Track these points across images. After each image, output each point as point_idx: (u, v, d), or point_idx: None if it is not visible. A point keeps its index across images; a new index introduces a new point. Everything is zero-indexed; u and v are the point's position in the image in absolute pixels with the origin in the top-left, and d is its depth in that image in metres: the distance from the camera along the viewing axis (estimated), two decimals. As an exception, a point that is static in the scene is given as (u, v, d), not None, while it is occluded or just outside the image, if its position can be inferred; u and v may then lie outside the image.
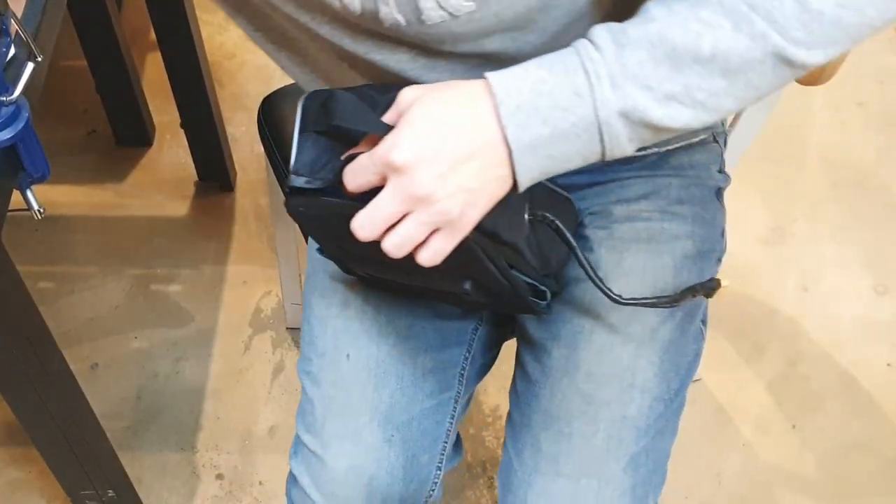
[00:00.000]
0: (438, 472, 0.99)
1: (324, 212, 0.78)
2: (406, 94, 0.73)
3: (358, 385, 0.95)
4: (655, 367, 0.92)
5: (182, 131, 1.80)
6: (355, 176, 0.72)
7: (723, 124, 1.06)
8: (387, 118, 0.74)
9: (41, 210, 0.95)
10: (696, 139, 1.00)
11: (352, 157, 0.74)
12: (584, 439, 0.90)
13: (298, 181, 0.77)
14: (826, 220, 1.84)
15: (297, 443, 0.99)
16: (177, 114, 1.76)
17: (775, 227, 1.83)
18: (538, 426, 0.92)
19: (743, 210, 1.84)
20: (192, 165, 1.87)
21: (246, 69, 2.10)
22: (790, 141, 1.96)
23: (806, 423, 1.59)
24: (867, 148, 1.96)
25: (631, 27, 0.70)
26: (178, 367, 1.66)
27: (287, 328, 1.70)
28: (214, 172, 1.87)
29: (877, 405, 1.61)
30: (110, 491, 1.34)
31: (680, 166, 0.99)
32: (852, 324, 1.70)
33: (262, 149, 1.33)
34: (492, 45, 0.79)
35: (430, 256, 0.73)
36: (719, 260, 1.01)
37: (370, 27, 0.78)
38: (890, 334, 1.69)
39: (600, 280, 0.84)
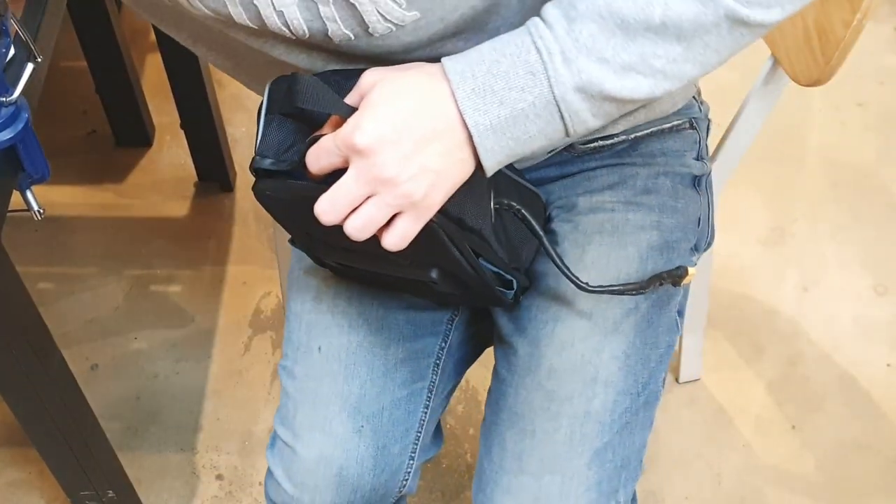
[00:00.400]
0: (412, 461, 0.99)
1: (290, 195, 0.78)
2: (367, 77, 0.73)
3: (328, 376, 0.96)
4: (619, 360, 0.91)
5: (182, 132, 1.80)
6: (318, 158, 0.72)
7: (701, 109, 1.05)
8: (349, 100, 0.74)
9: (41, 211, 0.95)
10: (668, 125, 0.99)
11: (316, 140, 0.74)
12: (546, 436, 0.90)
13: (264, 163, 0.77)
14: (826, 221, 1.84)
15: (273, 436, 1.00)
16: (176, 114, 1.76)
17: (775, 228, 1.83)
18: (504, 424, 0.93)
19: (743, 210, 1.84)
20: (192, 166, 1.87)
21: (246, 70, 2.10)
22: (790, 141, 1.96)
23: (806, 423, 1.59)
24: (867, 148, 1.96)
25: (580, 1, 0.70)
26: (178, 367, 1.66)
27: (287, 329, 1.71)
28: (214, 173, 1.87)
29: (876, 405, 1.61)
30: (110, 491, 1.34)
31: (650, 154, 0.99)
32: (852, 324, 1.70)
33: (261, 149, 1.33)
34: (446, 49, 0.78)
35: (396, 240, 0.73)
36: (696, 249, 1.00)
37: (322, 45, 0.78)
38: (890, 334, 1.69)
39: (567, 268, 0.84)
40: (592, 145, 0.97)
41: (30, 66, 0.90)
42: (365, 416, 0.95)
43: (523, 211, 0.83)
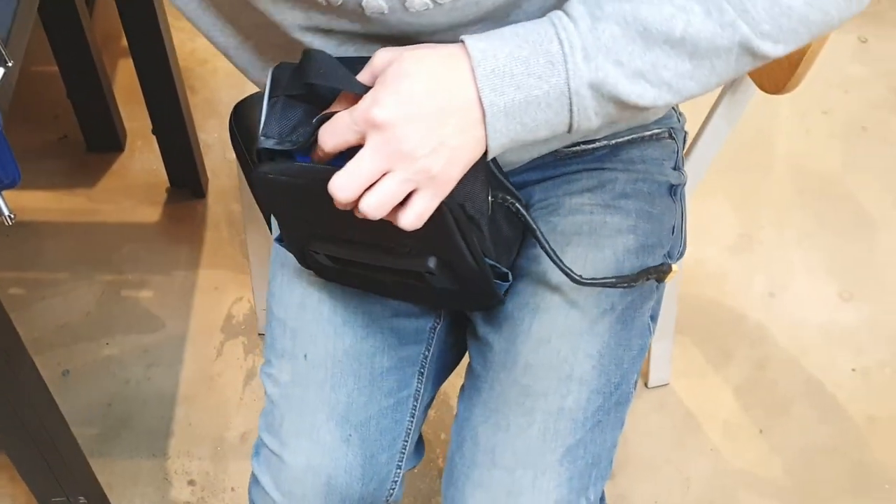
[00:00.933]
0: (398, 470, 1.00)
1: (295, 179, 0.77)
2: (382, 55, 0.73)
3: (315, 384, 0.96)
4: (594, 359, 0.92)
5: (154, 137, 1.80)
6: (333, 135, 0.72)
7: (679, 120, 1.07)
8: (361, 78, 0.73)
9: (12, 216, 0.95)
10: (648, 133, 1.01)
11: (324, 119, 0.73)
12: (520, 430, 0.91)
13: (268, 142, 0.76)
14: (792, 227, 1.87)
15: (259, 443, 0.99)
16: (148, 120, 1.75)
17: (743, 234, 1.85)
18: (477, 419, 0.93)
19: (711, 217, 1.86)
20: (164, 171, 1.87)
21: (218, 75, 2.10)
22: (757, 149, 1.98)
23: (773, 427, 1.61)
24: (833, 156, 1.98)
25: (606, 2, 0.71)
26: (150, 373, 1.66)
27: (259, 334, 1.71)
28: (186, 178, 1.87)
29: (842, 409, 1.63)
30: (81, 497, 1.33)
31: (630, 160, 1.00)
32: (818, 329, 1.73)
33: (233, 155, 1.34)
34: (462, 35, 0.79)
35: (412, 219, 0.72)
36: (669, 255, 1.01)
37: (348, 17, 0.78)
38: (855, 340, 1.71)
39: (560, 260, 0.85)
40: (574, 149, 0.99)
41: (0, 71, 0.90)
42: (353, 425, 0.95)
43: (517, 205, 0.83)
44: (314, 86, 0.75)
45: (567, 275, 0.86)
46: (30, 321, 1.69)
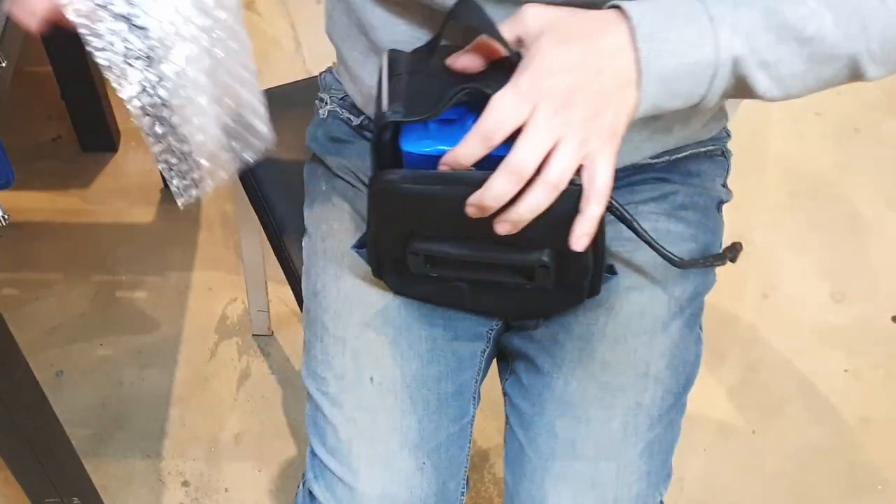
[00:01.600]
0: (462, 497, 0.98)
1: (431, 187, 0.74)
2: (533, 15, 0.73)
3: (384, 410, 0.93)
4: (666, 359, 0.94)
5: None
6: (504, 114, 0.69)
7: (728, 141, 1.09)
8: (505, 30, 0.72)
9: (6, 217, 0.95)
10: (704, 149, 1.03)
11: (465, 90, 0.72)
12: (601, 424, 0.91)
13: (395, 116, 0.73)
14: (785, 229, 1.87)
15: (318, 465, 0.95)
16: (143, 121, 1.75)
17: (735, 236, 1.84)
18: (552, 414, 0.93)
19: (704, 218, 1.86)
20: (158, 172, 1.87)
21: (212, 76, 2.09)
22: (749, 151, 1.99)
23: (766, 428, 1.61)
24: (825, 158, 1.99)
25: None
26: (144, 374, 1.66)
27: (253, 335, 1.71)
28: (180, 179, 1.86)
29: (835, 410, 1.64)
30: (75, 499, 1.33)
31: (688, 173, 1.02)
32: (811, 331, 1.73)
33: (228, 156, 1.34)
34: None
35: (605, 178, 0.71)
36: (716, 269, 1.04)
37: None
38: (847, 341, 1.72)
39: (660, 245, 0.86)
40: (642, 163, 1.01)
41: (-3, 73, 0.90)
42: (425, 453, 0.93)
43: (614, 202, 0.82)
44: (431, 63, 0.74)
45: (668, 259, 0.87)
46: (23, 322, 1.69)
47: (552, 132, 0.69)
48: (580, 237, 0.72)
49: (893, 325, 1.74)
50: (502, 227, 0.73)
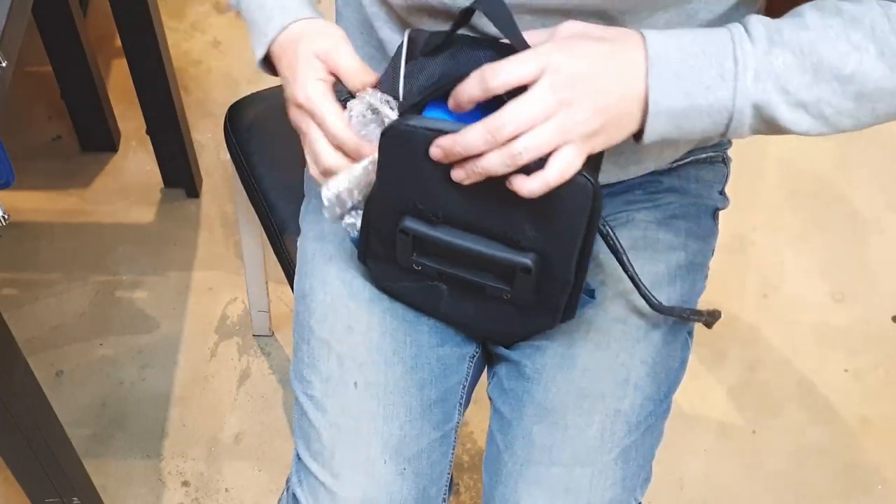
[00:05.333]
0: (444, 502, 0.99)
1: (433, 131, 0.76)
2: (571, 24, 0.74)
3: (367, 415, 0.94)
4: (648, 366, 0.94)
5: (147, 137, 1.80)
6: (523, 62, 0.71)
7: (729, 147, 1.09)
8: (533, 38, 0.74)
9: (5, 216, 0.95)
10: (704, 155, 1.03)
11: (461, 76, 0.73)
12: (578, 431, 0.92)
13: (412, 94, 0.77)
14: (785, 229, 1.87)
15: (303, 469, 0.96)
16: (142, 120, 1.76)
17: (735, 235, 1.85)
18: (531, 419, 0.94)
19: (704, 218, 1.86)
20: (158, 172, 1.87)
21: (212, 76, 2.10)
22: (749, 150, 1.99)
23: (766, 428, 1.61)
24: (825, 157, 1.99)
25: (786, 28, 0.73)
26: (144, 374, 1.66)
27: (253, 335, 1.71)
28: (180, 179, 1.87)
29: (834, 410, 1.64)
30: (75, 499, 1.33)
31: (686, 178, 1.02)
32: (811, 330, 1.73)
33: (227, 155, 1.34)
34: (648, 22, 0.81)
35: (556, 175, 0.72)
36: (706, 276, 1.04)
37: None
38: (847, 341, 1.72)
39: (646, 288, 0.88)
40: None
41: (-4, 73, 0.90)
42: (406, 459, 0.94)
43: (607, 227, 0.85)
44: (451, 46, 0.76)
45: (648, 301, 0.89)
46: (24, 322, 1.69)
47: (545, 109, 0.71)
48: (518, 187, 0.73)
49: (893, 325, 1.74)
50: (457, 173, 0.74)
